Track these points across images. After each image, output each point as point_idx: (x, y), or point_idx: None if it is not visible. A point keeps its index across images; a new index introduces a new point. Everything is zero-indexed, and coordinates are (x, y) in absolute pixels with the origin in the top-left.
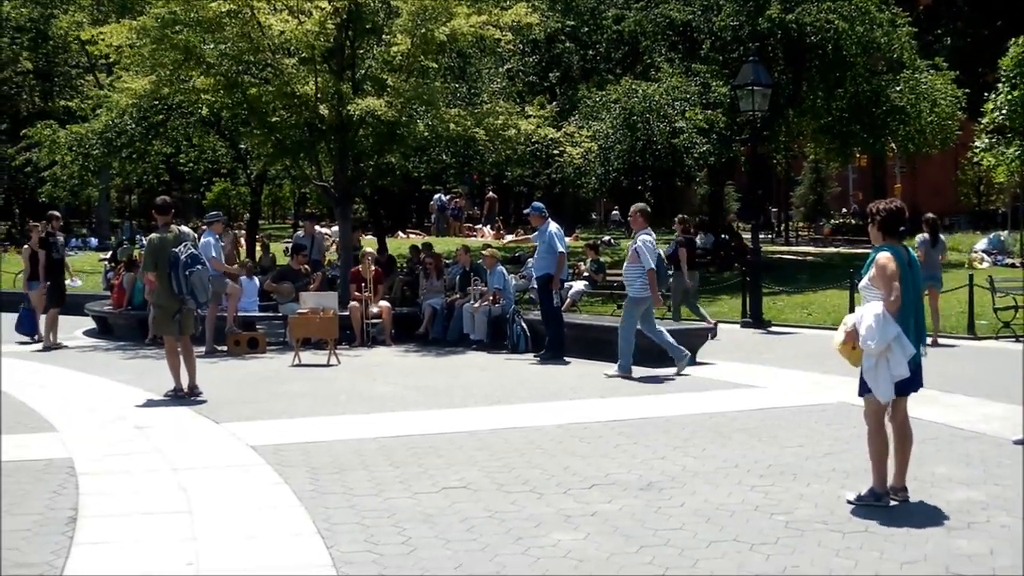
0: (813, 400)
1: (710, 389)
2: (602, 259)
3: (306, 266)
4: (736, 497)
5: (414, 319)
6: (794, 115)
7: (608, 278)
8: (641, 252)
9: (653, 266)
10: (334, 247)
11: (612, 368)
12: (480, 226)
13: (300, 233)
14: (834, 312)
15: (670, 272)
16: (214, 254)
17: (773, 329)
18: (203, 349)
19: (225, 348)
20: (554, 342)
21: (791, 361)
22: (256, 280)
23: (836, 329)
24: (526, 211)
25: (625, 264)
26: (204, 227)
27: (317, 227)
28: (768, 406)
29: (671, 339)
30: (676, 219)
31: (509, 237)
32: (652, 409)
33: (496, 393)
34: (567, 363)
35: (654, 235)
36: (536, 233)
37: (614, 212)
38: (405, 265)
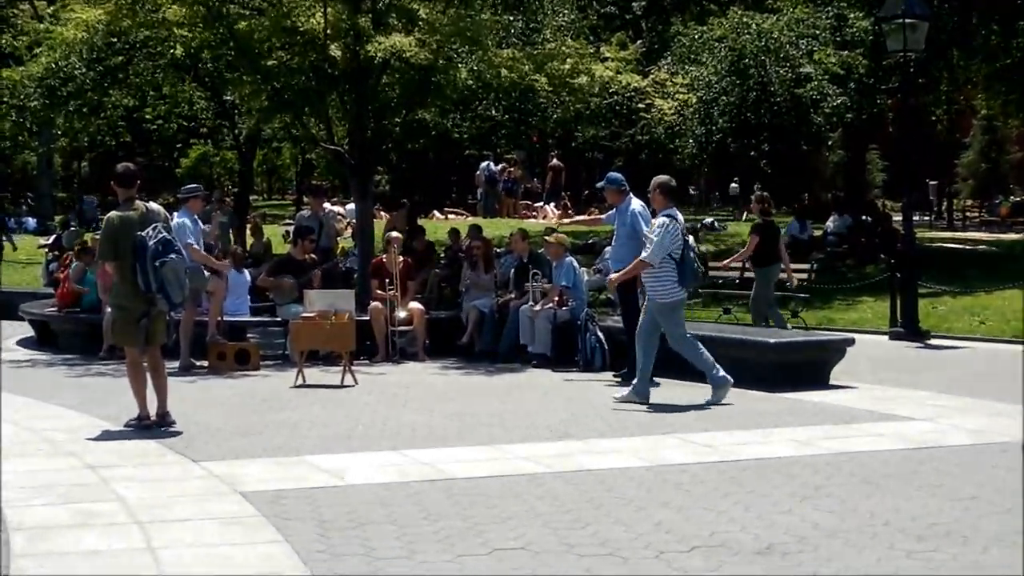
0: (989, 438)
1: (849, 421)
2: (703, 248)
3: (312, 255)
4: (887, 565)
5: (455, 326)
6: (959, 57)
7: (712, 273)
8: (654, 237)
9: (649, 259)
10: (349, 230)
11: (625, 391)
12: (541, 204)
13: (305, 212)
14: (1016, 319)
15: (701, 270)
16: (191, 240)
17: (933, 342)
18: (177, 364)
19: (206, 364)
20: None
21: (958, 385)
22: (247, 274)
23: (1020, 342)
24: (600, 185)
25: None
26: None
27: (327, 204)
28: (928, 444)
29: (706, 355)
30: (753, 197)
31: (579, 218)
32: (771, 447)
33: (564, 424)
34: (656, 384)
35: (681, 217)
36: (614, 213)
37: (733, 185)
38: (443, 255)
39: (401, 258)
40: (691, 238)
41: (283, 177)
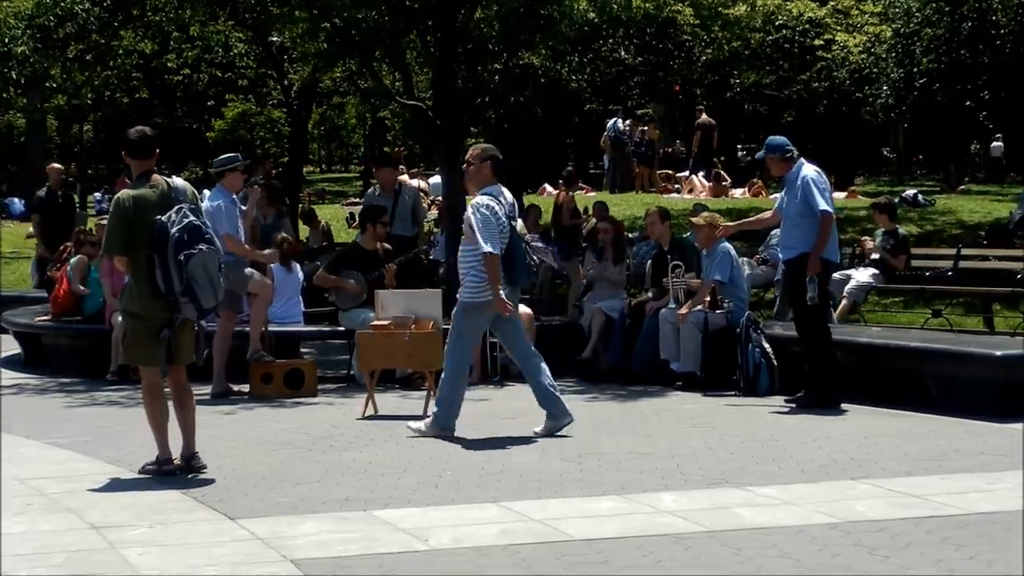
0: None
1: None
2: (903, 230)
3: (386, 245)
4: None
5: (573, 335)
6: None
7: (915, 262)
8: (473, 224)
9: (490, 248)
10: (434, 211)
11: (421, 423)
12: (686, 174)
13: (374, 189)
14: None
15: (534, 264)
16: (228, 228)
17: None
18: (209, 390)
19: (247, 389)
20: (819, 374)
21: None
22: (299, 271)
23: None
24: (759, 155)
25: (460, 246)
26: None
27: (405, 177)
28: None
29: (551, 386)
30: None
31: (737, 192)
32: (999, 497)
33: (720, 465)
34: (842, 412)
35: (508, 197)
36: (781, 197)
37: (996, 144)
38: (554, 242)
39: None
40: (519, 223)
41: (347, 143)
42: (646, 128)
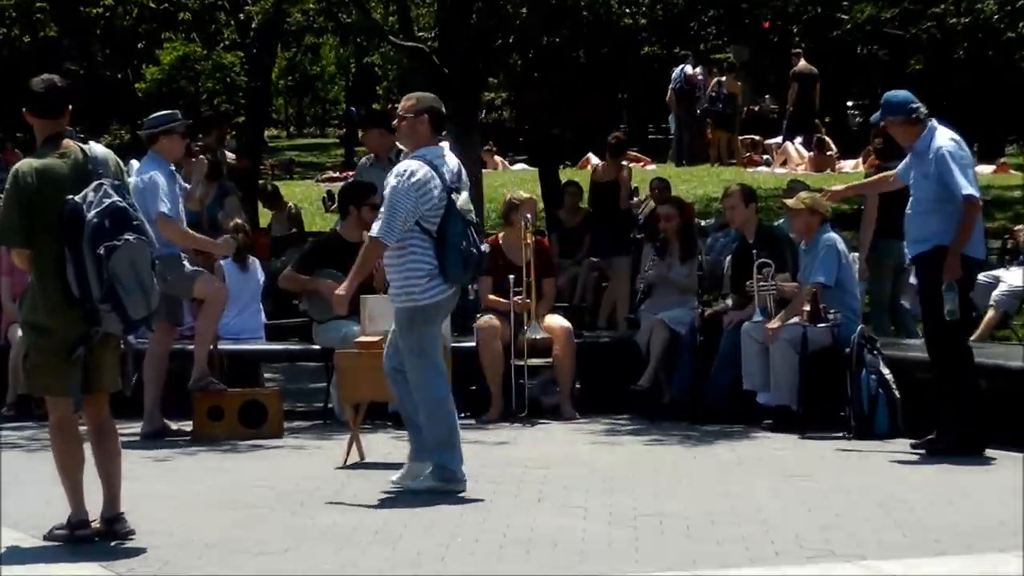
0: None
1: None
2: None
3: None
4: None
5: (627, 356)
6: None
7: None
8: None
9: (381, 235)
10: None
11: (410, 473)
12: (779, 140)
13: (367, 160)
14: None
15: (476, 253)
16: (166, 207)
17: None
18: (140, 428)
19: (190, 426)
20: (957, 411)
21: None
22: (259, 269)
23: None
24: (876, 117)
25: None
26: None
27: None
28: None
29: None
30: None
31: (847, 164)
32: None
33: (824, 532)
34: (988, 461)
35: (451, 162)
36: (907, 162)
37: None
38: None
39: (533, 237)
40: (463, 196)
41: (323, 99)
42: (724, 79)
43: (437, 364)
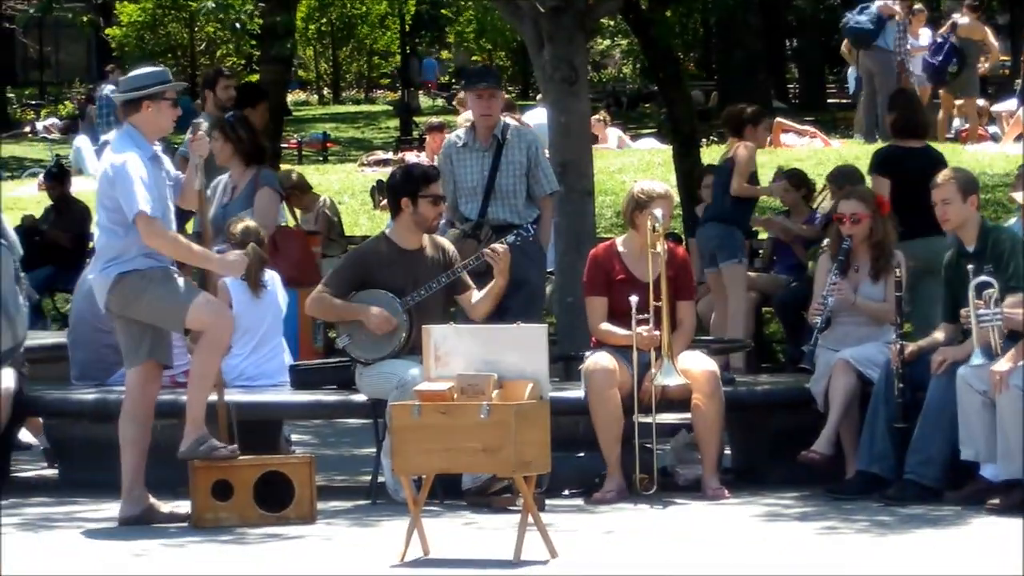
0: None
1: None
2: None
3: (441, 239)
4: None
5: (796, 409)
6: None
7: None
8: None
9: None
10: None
11: None
12: (1013, 105)
13: (453, 135)
14: None
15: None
16: (147, 203)
17: None
18: (119, 511)
19: (186, 507)
20: None
21: None
22: (281, 292)
23: None
24: None
25: None
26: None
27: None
28: None
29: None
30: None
31: None
32: None
33: None
34: None
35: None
36: None
37: None
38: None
39: (666, 244)
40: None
41: (370, 48)
42: (959, 19)
43: None
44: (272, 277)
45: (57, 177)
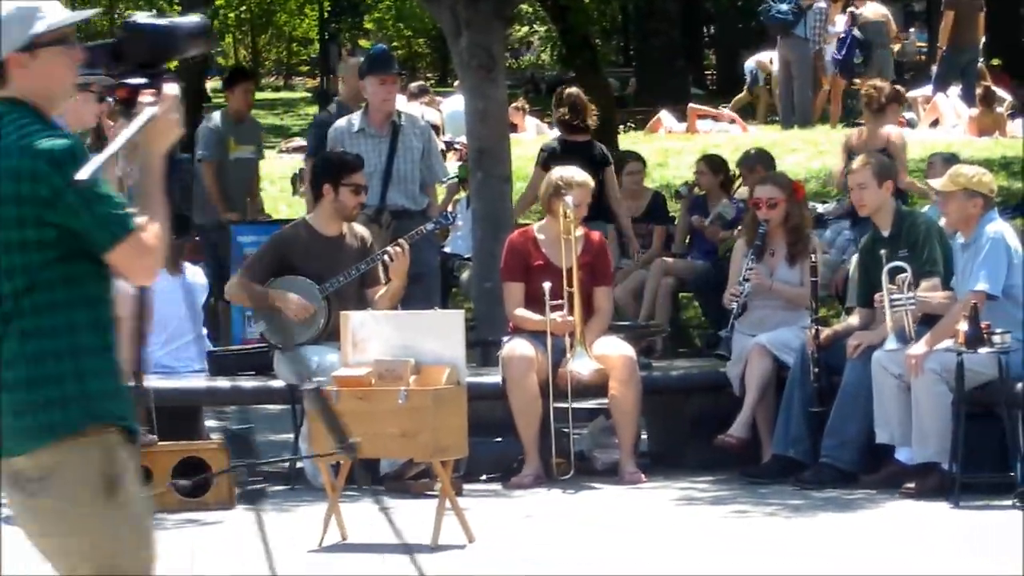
0: None
1: None
2: None
3: (359, 227)
4: None
5: (711, 396)
6: None
7: None
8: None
9: None
10: (454, 159)
11: None
12: (928, 91)
13: (331, 107)
14: None
15: None
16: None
17: None
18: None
19: None
20: None
21: None
22: (198, 277)
23: None
24: None
25: None
26: None
27: (401, 97)
28: None
29: None
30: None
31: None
32: None
33: None
34: None
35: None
36: None
37: None
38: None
39: (582, 230)
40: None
41: (288, 36)
42: (858, 5)
43: None
44: (191, 266)
45: None
